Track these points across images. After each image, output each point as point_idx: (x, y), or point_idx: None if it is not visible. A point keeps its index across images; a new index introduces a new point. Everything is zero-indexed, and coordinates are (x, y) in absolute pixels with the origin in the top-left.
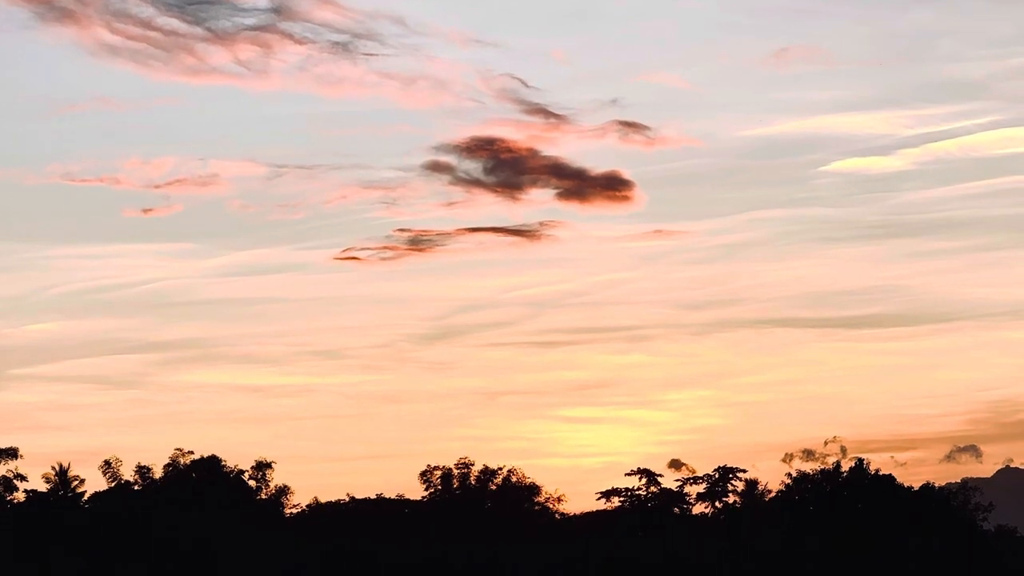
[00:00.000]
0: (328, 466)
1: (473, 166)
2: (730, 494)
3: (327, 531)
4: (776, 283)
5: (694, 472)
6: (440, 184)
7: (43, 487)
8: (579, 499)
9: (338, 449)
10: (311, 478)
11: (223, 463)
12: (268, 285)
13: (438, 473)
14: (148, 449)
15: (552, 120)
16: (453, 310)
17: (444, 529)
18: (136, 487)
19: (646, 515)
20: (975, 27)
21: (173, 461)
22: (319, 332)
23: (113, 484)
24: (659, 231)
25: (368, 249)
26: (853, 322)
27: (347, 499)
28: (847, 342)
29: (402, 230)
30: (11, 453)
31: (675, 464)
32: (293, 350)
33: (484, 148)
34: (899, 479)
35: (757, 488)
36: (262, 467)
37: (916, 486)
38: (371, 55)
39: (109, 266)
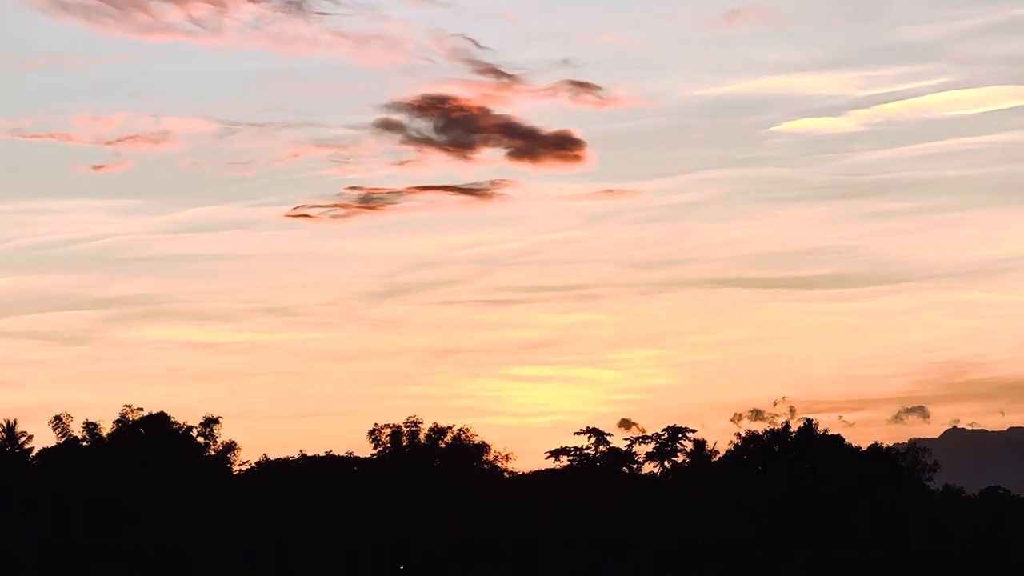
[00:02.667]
0: (278, 423)
1: (424, 125)
2: (679, 454)
3: (276, 488)
4: (726, 243)
5: (644, 432)
6: (392, 143)
7: None
8: (528, 458)
9: (288, 406)
10: (261, 435)
11: (171, 419)
12: (219, 242)
13: (387, 431)
14: (97, 405)
15: (504, 80)
16: (403, 268)
17: (393, 487)
18: (84, 444)
19: (595, 474)
20: None
21: (122, 417)
22: (269, 289)
23: (63, 440)
24: (609, 191)
25: (319, 207)
26: (803, 283)
27: (297, 457)
28: (797, 303)
29: (353, 188)
30: None
31: (624, 424)
32: (243, 307)
33: (436, 107)
34: (848, 439)
35: (706, 448)
36: (210, 423)
37: (864, 446)
38: (325, 14)
39: (59, 222)
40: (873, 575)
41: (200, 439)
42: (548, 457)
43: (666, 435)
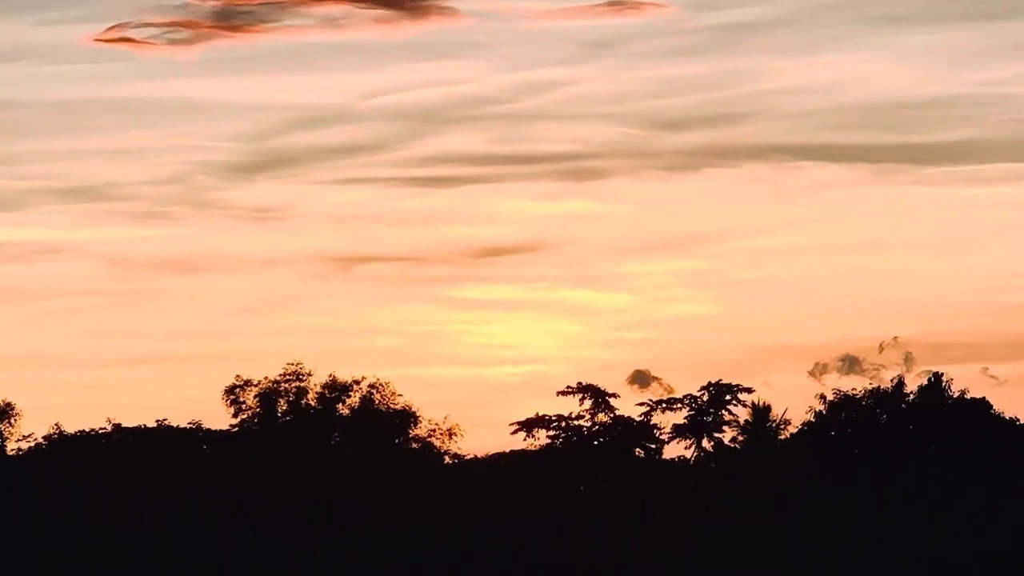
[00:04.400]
0: (79, 375)
1: None
2: (726, 427)
3: (75, 476)
4: (801, 88)
5: (671, 391)
6: None
7: None
8: (484, 432)
9: (95, 347)
10: (52, 394)
11: None
12: None
13: (254, 389)
14: None
15: None
16: (283, 126)
17: (262, 476)
18: None
19: (592, 457)
20: None
21: None
22: (69, 159)
23: None
24: (616, 3)
25: (150, 26)
26: (925, 153)
27: (108, 428)
28: (915, 185)
29: None
30: None
31: (639, 378)
32: (27, 186)
33: None
34: (996, 405)
35: (770, 417)
36: None
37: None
38: None
39: None
40: None
41: None
42: (517, 431)
43: (705, 397)
